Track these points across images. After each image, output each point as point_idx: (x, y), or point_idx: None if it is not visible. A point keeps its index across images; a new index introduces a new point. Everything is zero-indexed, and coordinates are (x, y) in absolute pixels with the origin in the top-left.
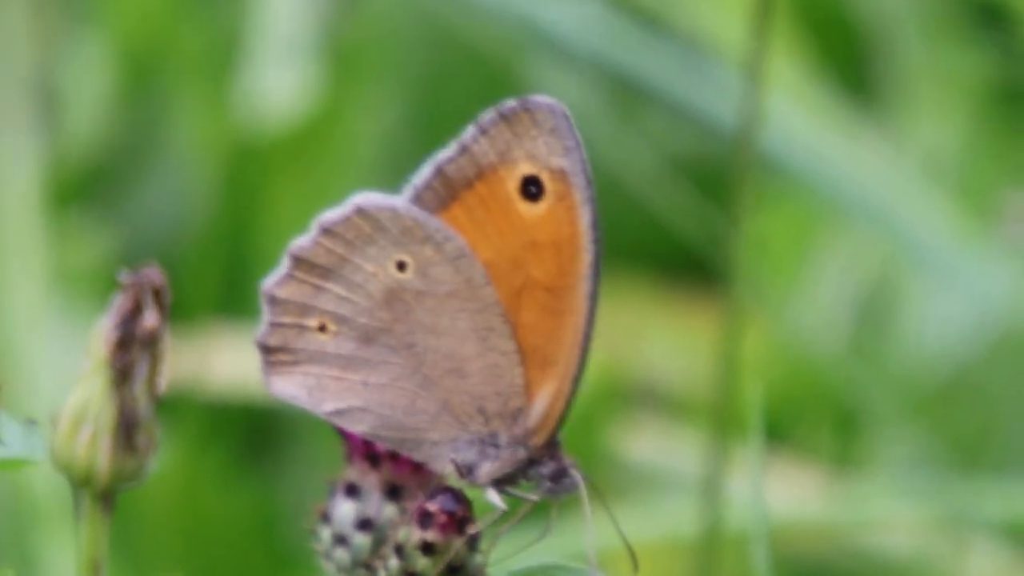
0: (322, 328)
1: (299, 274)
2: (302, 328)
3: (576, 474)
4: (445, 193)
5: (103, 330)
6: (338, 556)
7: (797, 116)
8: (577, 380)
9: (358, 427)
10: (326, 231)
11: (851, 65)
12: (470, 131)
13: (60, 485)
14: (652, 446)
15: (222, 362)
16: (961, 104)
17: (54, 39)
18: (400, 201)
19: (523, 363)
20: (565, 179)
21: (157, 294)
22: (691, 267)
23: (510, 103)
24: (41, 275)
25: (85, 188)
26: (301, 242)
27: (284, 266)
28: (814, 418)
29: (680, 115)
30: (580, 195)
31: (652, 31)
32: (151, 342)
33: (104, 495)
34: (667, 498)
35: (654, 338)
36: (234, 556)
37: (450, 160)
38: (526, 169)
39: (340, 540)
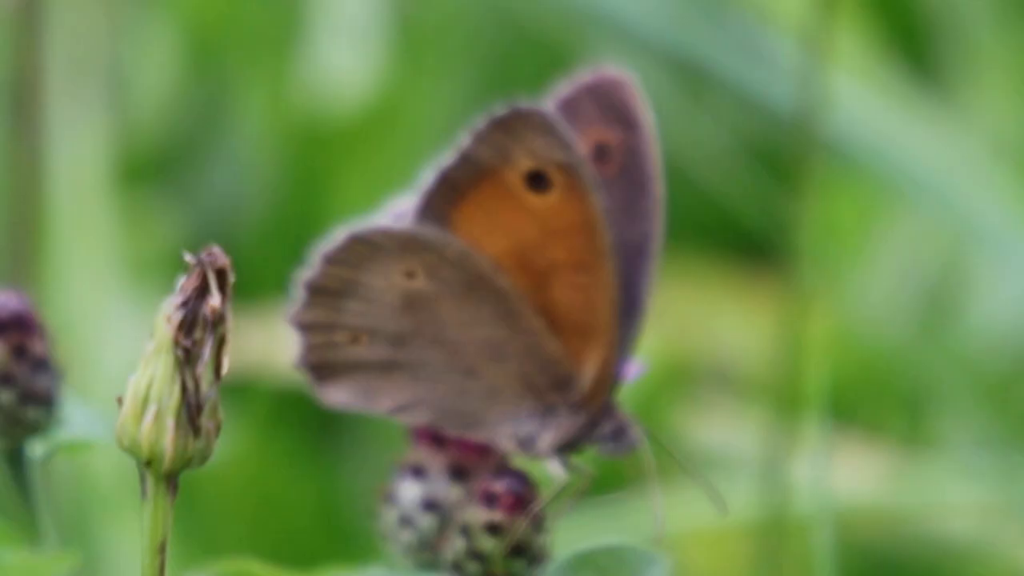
0: (354, 339)
1: (316, 299)
2: (334, 343)
3: (636, 431)
4: (453, 194)
5: (168, 311)
6: (404, 538)
7: (861, 97)
8: (620, 346)
9: (418, 419)
10: (329, 260)
11: (916, 45)
12: (466, 139)
13: (125, 467)
14: (718, 428)
15: (289, 345)
16: None
17: (120, 20)
18: (390, 220)
19: (561, 334)
20: (570, 171)
21: (222, 275)
22: (756, 249)
23: (499, 110)
24: (108, 256)
25: (152, 170)
26: (308, 273)
27: (300, 296)
28: (879, 400)
29: (744, 96)
30: (587, 185)
31: (716, 12)
32: (216, 323)
33: (168, 477)
34: (732, 480)
35: (719, 319)
36: (302, 538)
37: (452, 167)
38: (529, 165)
39: (406, 522)
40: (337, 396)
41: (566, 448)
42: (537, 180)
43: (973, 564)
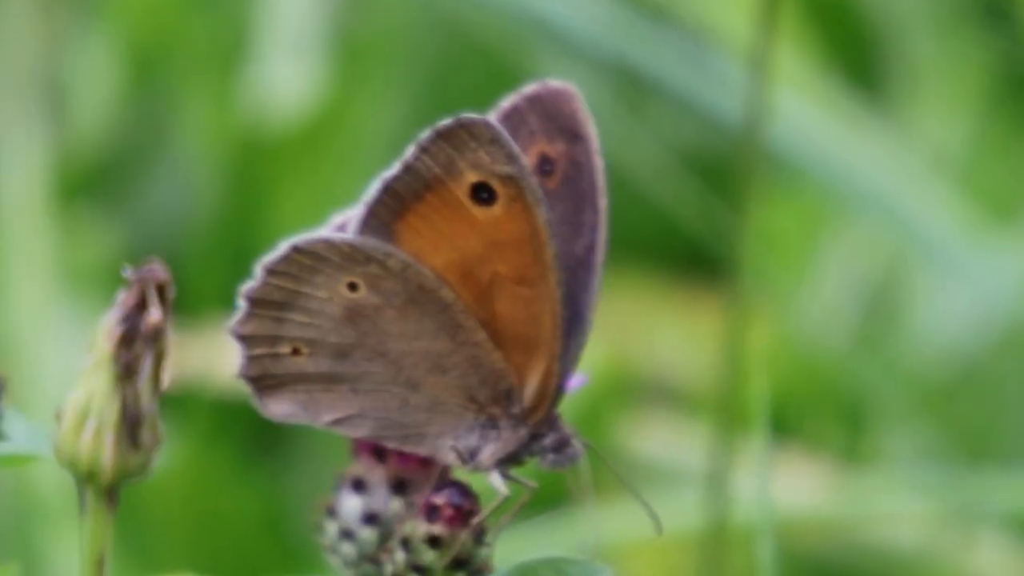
0: (296, 351)
1: (258, 311)
2: (276, 355)
3: (578, 443)
4: (397, 206)
5: (107, 326)
6: (344, 550)
7: (804, 110)
8: (563, 359)
9: (359, 432)
10: (270, 272)
11: (858, 59)
12: (411, 150)
13: (65, 481)
14: (659, 440)
15: (229, 357)
16: (968, 98)
17: (60, 34)
18: (332, 232)
19: (504, 347)
20: (515, 183)
21: (161, 290)
22: (698, 261)
23: (444, 122)
24: (47, 270)
25: (91, 183)
26: (251, 285)
27: (242, 307)
28: (821, 412)
29: (687, 109)
30: (531, 197)
31: (659, 25)
32: (155, 338)
33: (108, 491)
34: (674, 492)
35: (661, 332)
36: (242, 551)
37: (396, 178)
38: (473, 178)
39: (346, 535)
40: (278, 408)
41: (508, 461)
42: (481, 192)
43: (916, 574)
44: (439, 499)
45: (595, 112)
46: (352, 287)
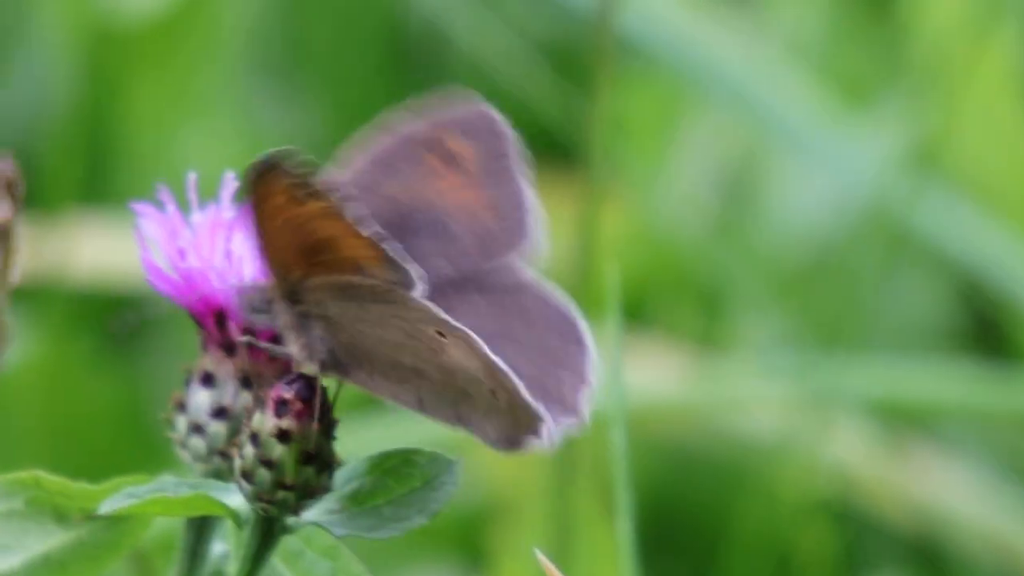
0: None
1: None
2: None
3: None
4: None
5: None
6: (194, 445)
7: None
8: None
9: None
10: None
11: None
12: None
13: None
14: None
15: (85, 251)
16: None
17: None
18: None
19: None
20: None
21: (9, 186)
22: (553, 150)
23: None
24: None
25: None
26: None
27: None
28: (678, 299)
29: None
30: None
31: None
32: (3, 234)
33: None
34: None
35: None
36: (99, 445)
37: None
38: None
39: (196, 429)
40: None
41: None
42: None
43: (774, 459)
44: (288, 393)
45: (450, 3)
46: None
